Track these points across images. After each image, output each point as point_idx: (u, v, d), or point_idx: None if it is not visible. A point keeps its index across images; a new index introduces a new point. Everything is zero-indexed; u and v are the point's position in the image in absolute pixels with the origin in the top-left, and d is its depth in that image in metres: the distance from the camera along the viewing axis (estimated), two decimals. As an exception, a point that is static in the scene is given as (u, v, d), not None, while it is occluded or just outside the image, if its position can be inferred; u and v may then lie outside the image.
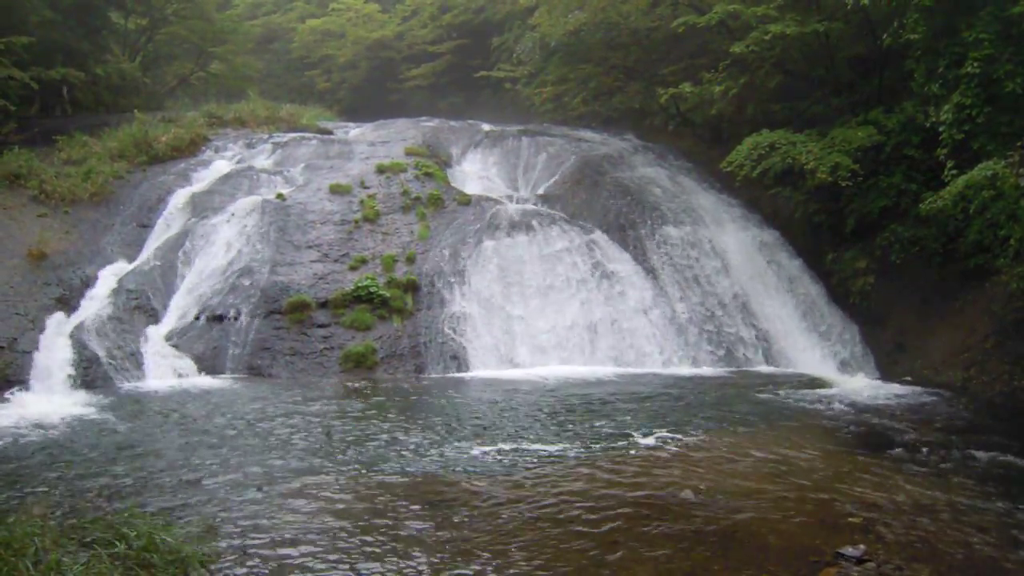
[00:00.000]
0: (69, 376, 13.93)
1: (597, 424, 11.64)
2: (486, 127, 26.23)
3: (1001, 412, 13.67)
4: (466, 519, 7.67)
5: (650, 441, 10.70)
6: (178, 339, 15.67)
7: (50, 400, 12.91)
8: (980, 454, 10.53)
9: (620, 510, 7.91)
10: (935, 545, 7.17)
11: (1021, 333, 15.50)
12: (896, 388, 15.33)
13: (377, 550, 6.90)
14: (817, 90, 21.31)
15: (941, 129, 15.59)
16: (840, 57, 20.70)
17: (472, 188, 21.82)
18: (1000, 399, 14.51)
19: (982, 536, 7.42)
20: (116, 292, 16.29)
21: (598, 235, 19.14)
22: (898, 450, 10.67)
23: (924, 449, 10.73)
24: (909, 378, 16.23)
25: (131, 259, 17.76)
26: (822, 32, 19.10)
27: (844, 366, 17.55)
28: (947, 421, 12.67)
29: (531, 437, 10.90)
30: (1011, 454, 10.51)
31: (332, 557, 6.73)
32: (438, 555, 6.83)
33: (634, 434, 11.00)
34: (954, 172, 14.64)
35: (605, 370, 16.14)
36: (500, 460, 9.75)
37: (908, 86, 17.64)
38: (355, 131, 26.91)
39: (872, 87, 19.88)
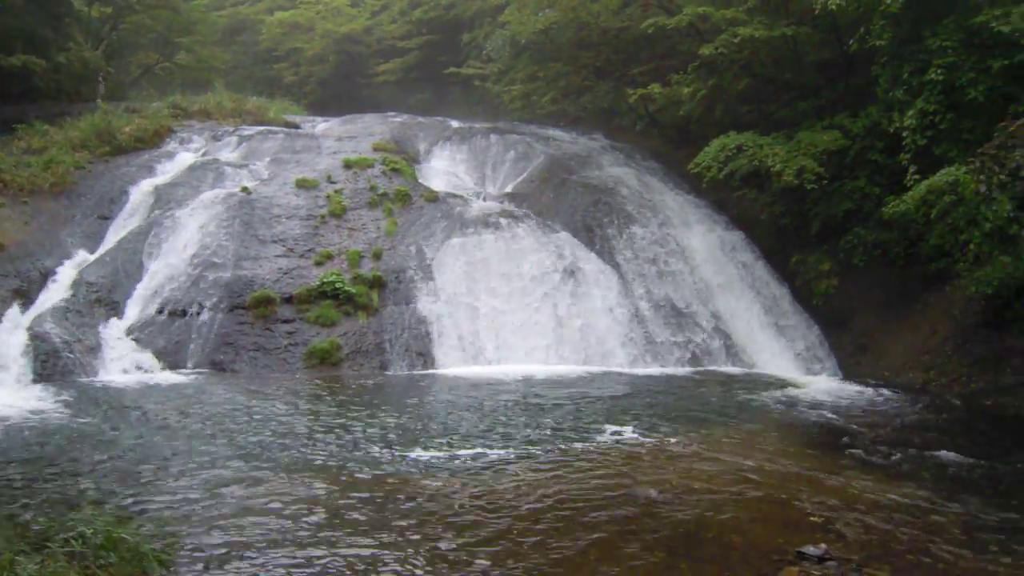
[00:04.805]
0: (27, 369, 13.70)
1: (561, 422, 11.65)
2: (455, 124, 26.18)
3: (959, 413, 13.86)
4: (426, 518, 7.64)
5: (613, 440, 10.73)
6: (139, 333, 15.46)
7: (7, 393, 12.67)
8: (938, 454, 10.67)
9: (583, 509, 7.91)
10: (893, 544, 7.25)
11: (979, 336, 15.76)
12: (858, 389, 15.50)
13: (329, 545, 6.85)
14: (784, 93, 21.50)
15: (904, 134, 15.79)
16: (807, 61, 20.91)
17: (440, 185, 21.75)
18: (959, 400, 14.72)
19: (939, 536, 7.52)
20: (76, 285, 16.05)
21: (565, 234, 19.17)
22: (858, 450, 10.78)
23: (884, 449, 10.84)
24: (871, 379, 16.41)
25: (92, 251, 17.50)
26: (790, 36, 19.28)
27: (807, 366, 17.71)
28: (907, 422, 12.83)
29: (494, 435, 10.89)
30: (967, 455, 10.66)
31: (288, 554, 6.67)
32: (398, 555, 6.80)
33: (598, 433, 11.02)
34: (917, 177, 14.83)
35: (570, 368, 16.16)
36: (461, 458, 9.73)
37: (873, 91, 17.85)
38: (322, 125, 26.73)
39: (838, 92, 20.09)
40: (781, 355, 17.99)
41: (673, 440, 10.81)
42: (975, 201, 12.96)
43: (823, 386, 15.66)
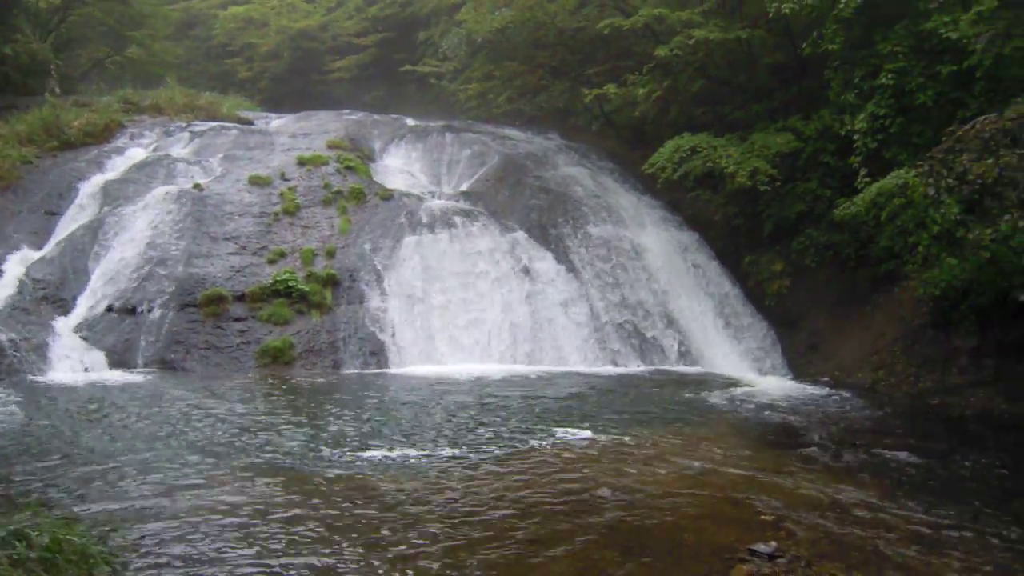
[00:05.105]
0: (-30, 368, 13.41)
1: (515, 422, 11.63)
2: (410, 122, 26.04)
3: (906, 413, 14.09)
4: (375, 519, 7.58)
5: (567, 440, 10.73)
6: (88, 331, 15.19)
7: (-51, 392, 12.39)
8: (887, 454, 10.82)
9: (537, 508, 7.91)
10: (842, 541, 7.33)
11: (927, 337, 16.03)
12: (808, 388, 15.72)
13: (284, 547, 6.78)
14: (738, 96, 21.70)
15: (856, 137, 16.02)
16: (761, 64, 21.14)
17: (394, 183, 21.64)
18: (906, 400, 14.98)
19: (887, 533, 7.62)
20: (22, 282, 15.74)
21: (520, 233, 19.17)
22: (808, 449, 10.90)
23: (833, 448, 10.98)
24: (821, 379, 16.65)
25: (39, 248, 17.17)
26: (744, 39, 19.48)
27: (759, 366, 17.90)
28: (855, 421, 13.01)
29: (447, 435, 10.85)
30: (915, 454, 10.83)
31: (242, 556, 6.59)
32: (348, 556, 6.74)
33: (551, 433, 11.02)
34: (867, 180, 15.06)
35: (524, 368, 16.17)
36: (416, 458, 9.68)
37: (825, 95, 18.08)
38: (276, 122, 26.45)
39: (791, 95, 20.33)
40: (734, 355, 18.17)
41: (627, 440, 10.85)
42: (924, 204, 13.17)
43: (775, 386, 15.85)
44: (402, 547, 6.89)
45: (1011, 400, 14.15)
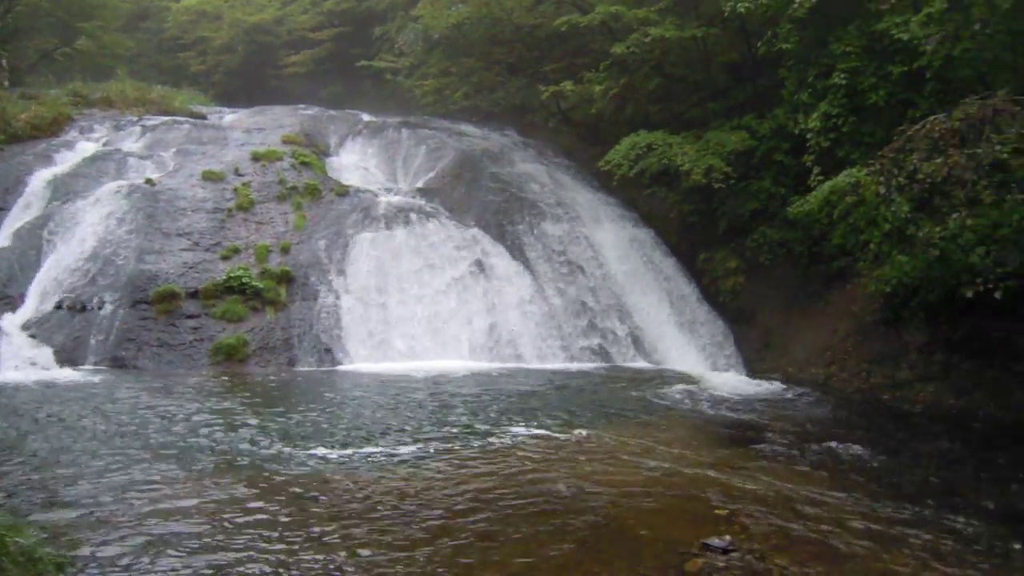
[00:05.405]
0: (-87, 366, 13.09)
1: (471, 419, 11.61)
2: (366, 117, 25.91)
3: (859, 408, 14.31)
4: (341, 518, 7.53)
5: (524, 436, 10.74)
6: (36, 329, 14.90)
7: None
8: (838, 448, 10.98)
9: (495, 505, 7.91)
10: (795, 535, 7.42)
11: (878, 333, 16.28)
12: (762, 384, 15.88)
13: (236, 548, 6.70)
14: (694, 94, 21.85)
15: (809, 136, 16.20)
16: (716, 63, 21.30)
17: (350, 179, 21.49)
18: (858, 395, 15.21)
19: (839, 527, 7.73)
20: (-33, 278, 15.40)
21: (476, 230, 19.13)
22: (761, 444, 11.02)
23: (785, 443, 11.12)
24: (775, 375, 16.83)
25: (-15, 243, 16.81)
26: (700, 37, 19.61)
27: (714, 363, 18.05)
28: (808, 416, 13.18)
29: (402, 432, 10.80)
30: (866, 448, 11.01)
31: (197, 559, 6.50)
32: (301, 556, 6.68)
33: (508, 429, 11.02)
34: (820, 178, 15.22)
35: (481, 365, 16.15)
36: (373, 456, 9.63)
37: (780, 94, 18.27)
38: (230, 117, 26.16)
39: (746, 93, 20.51)
40: (689, 351, 18.30)
41: (583, 436, 10.89)
42: (875, 202, 13.34)
43: (729, 382, 15.99)
44: (367, 549, 6.85)
45: (959, 395, 14.43)
